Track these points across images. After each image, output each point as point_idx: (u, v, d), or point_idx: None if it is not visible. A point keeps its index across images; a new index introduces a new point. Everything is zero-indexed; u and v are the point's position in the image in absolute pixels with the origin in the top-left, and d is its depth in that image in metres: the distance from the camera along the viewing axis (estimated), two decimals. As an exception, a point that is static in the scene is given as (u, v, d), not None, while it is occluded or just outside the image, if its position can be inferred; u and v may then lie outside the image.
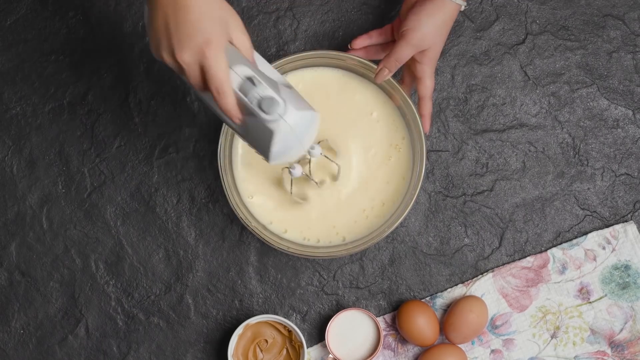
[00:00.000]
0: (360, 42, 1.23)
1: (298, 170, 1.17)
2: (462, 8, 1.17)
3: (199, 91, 1.03)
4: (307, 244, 1.23)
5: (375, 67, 1.20)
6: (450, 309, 1.26)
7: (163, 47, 0.98)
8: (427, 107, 1.19)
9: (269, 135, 1.03)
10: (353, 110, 1.24)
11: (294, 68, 1.23)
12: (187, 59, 0.97)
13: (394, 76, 1.23)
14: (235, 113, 1.01)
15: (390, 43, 1.23)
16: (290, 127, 1.03)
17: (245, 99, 1.01)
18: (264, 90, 1.01)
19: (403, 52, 1.15)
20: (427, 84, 1.18)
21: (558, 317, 1.27)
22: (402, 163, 1.23)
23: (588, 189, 1.30)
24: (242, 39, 1.01)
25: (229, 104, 1.00)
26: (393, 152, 1.23)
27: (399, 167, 1.23)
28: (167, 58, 0.99)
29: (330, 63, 1.23)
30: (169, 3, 0.96)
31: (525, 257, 1.29)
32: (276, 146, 1.04)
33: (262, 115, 1.01)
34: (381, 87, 1.23)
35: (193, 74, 0.99)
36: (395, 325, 1.28)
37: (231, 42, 1.01)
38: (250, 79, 1.01)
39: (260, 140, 1.05)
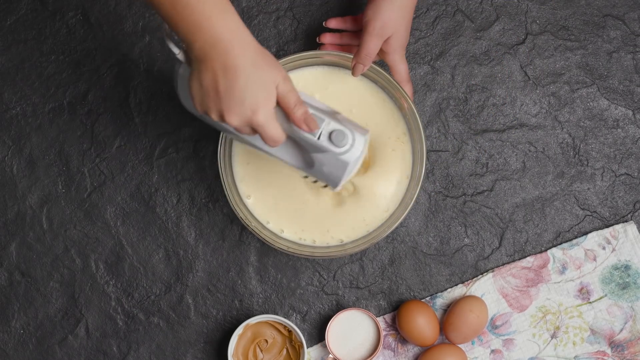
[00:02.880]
0: (334, 23, 1.25)
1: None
2: None
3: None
4: (305, 243, 1.23)
5: (376, 67, 1.20)
6: (450, 309, 1.26)
7: (210, 109, 1.00)
8: (408, 89, 1.21)
9: (343, 166, 1.06)
10: (353, 109, 1.24)
11: (294, 67, 1.23)
12: (236, 123, 1.00)
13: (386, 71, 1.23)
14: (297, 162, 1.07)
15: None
16: (361, 152, 1.07)
17: (314, 139, 1.04)
18: (329, 124, 1.05)
19: (369, 45, 1.16)
20: (400, 69, 1.20)
21: (558, 317, 1.27)
22: (402, 163, 1.23)
23: (588, 189, 1.30)
24: (287, 86, 1.03)
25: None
26: (393, 151, 1.23)
27: (399, 167, 1.23)
28: (214, 117, 1.01)
29: (331, 62, 1.23)
30: (217, 66, 0.97)
31: (525, 257, 1.29)
32: (348, 173, 1.08)
33: (335, 149, 1.05)
34: (381, 86, 1.23)
35: (243, 132, 1.03)
36: (395, 325, 1.28)
37: (277, 89, 1.03)
38: (314, 117, 1.04)
39: (331, 172, 1.08)
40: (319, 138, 1.05)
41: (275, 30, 1.31)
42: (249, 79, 0.98)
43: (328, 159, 1.06)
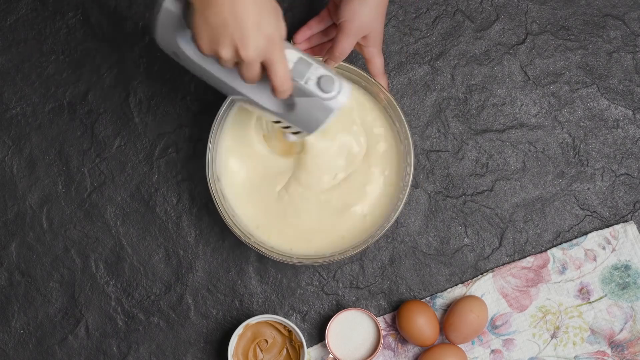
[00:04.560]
0: (302, 35, 1.24)
1: (294, 137, 1.18)
2: None
3: (246, 82, 1.03)
4: (301, 252, 1.22)
5: (356, 68, 1.20)
6: (450, 309, 1.26)
7: (221, 44, 0.98)
8: (383, 82, 1.22)
9: (328, 112, 1.05)
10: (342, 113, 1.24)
11: None
12: (252, 54, 0.98)
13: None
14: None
15: (331, 27, 1.24)
16: (346, 101, 1.05)
17: (301, 83, 1.03)
18: (317, 69, 1.04)
19: (344, 44, 1.16)
20: (376, 62, 1.20)
21: (558, 317, 1.27)
22: (389, 162, 1.22)
23: (588, 189, 1.30)
24: (283, 22, 1.02)
25: (288, 95, 1.03)
26: (380, 154, 1.23)
27: (386, 164, 1.22)
28: (225, 54, 0.98)
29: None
30: (225, 1, 0.96)
31: (525, 257, 1.29)
32: (329, 121, 1.06)
33: (322, 94, 1.04)
34: (365, 89, 1.23)
35: (252, 69, 1.00)
36: (395, 325, 1.28)
37: None
38: (301, 61, 1.03)
39: (311, 118, 1.06)
40: (306, 82, 1.04)
41: (275, 30, 1.31)
42: (261, 8, 0.97)
43: (312, 104, 1.05)
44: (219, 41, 0.98)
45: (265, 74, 1.02)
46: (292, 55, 1.04)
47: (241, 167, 1.23)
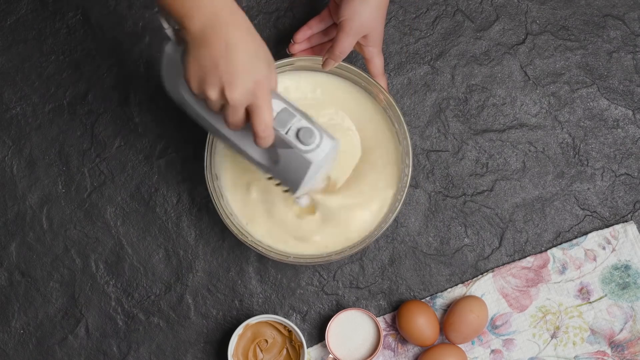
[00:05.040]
0: (302, 35, 1.24)
1: (305, 200, 1.20)
2: None
3: (230, 127, 1.04)
4: (300, 252, 1.22)
5: (353, 68, 1.20)
6: (450, 309, 1.26)
7: (209, 84, 0.98)
8: (383, 82, 1.22)
9: (306, 165, 1.06)
10: (339, 112, 1.23)
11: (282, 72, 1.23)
12: (237, 97, 0.98)
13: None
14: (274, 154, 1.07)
15: (332, 26, 1.24)
16: (326, 155, 1.06)
17: (282, 132, 1.04)
18: (299, 121, 1.04)
19: (344, 44, 1.16)
20: (376, 62, 1.21)
21: (558, 317, 1.27)
22: (388, 164, 1.22)
23: (588, 189, 1.30)
24: (275, 74, 1.03)
25: (269, 144, 1.04)
26: (379, 155, 1.23)
27: (385, 164, 1.22)
28: (212, 94, 0.99)
29: (304, 67, 1.22)
30: (219, 42, 0.96)
31: (525, 257, 1.29)
32: (310, 176, 1.07)
33: (300, 146, 1.04)
34: (365, 89, 1.23)
35: (237, 112, 1.01)
36: (395, 325, 1.28)
37: None
38: (284, 111, 1.04)
39: (293, 171, 1.07)
40: (287, 133, 1.05)
41: (275, 30, 1.31)
42: (253, 54, 0.98)
43: (293, 156, 1.06)
44: (208, 81, 0.98)
45: (249, 123, 1.02)
46: (277, 105, 1.05)
47: (239, 166, 1.23)
